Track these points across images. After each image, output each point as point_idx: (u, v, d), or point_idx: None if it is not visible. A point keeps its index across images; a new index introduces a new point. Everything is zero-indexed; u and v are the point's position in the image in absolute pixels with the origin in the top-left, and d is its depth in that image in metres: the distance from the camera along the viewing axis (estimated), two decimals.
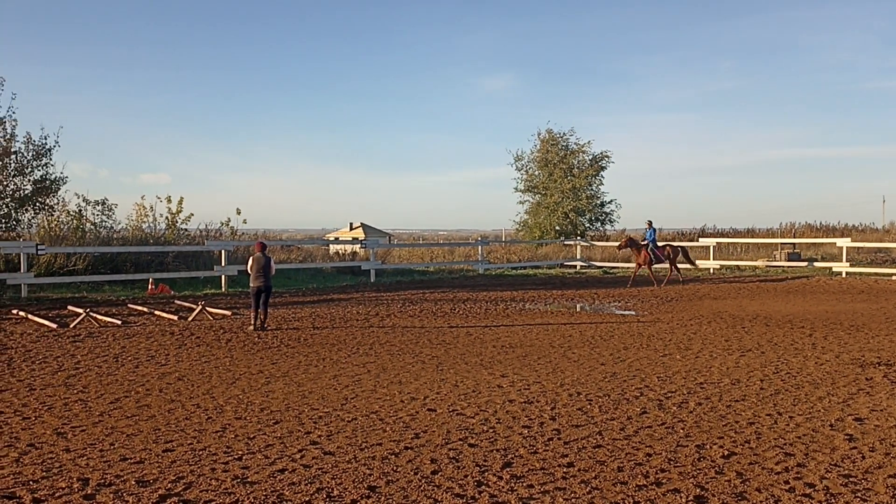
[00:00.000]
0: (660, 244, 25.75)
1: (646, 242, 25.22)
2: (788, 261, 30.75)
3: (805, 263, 29.85)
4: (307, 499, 5.40)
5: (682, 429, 7.35)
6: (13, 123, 22.03)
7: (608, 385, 9.43)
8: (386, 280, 25.92)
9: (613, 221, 39.76)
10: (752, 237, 37.02)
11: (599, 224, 39.42)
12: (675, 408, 8.23)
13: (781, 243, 33.01)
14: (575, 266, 32.14)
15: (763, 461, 6.33)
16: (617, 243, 34.47)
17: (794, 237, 36.53)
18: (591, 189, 38.51)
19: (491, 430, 7.28)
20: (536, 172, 39.18)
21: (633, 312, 17.46)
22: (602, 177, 38.87)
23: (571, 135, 38.80)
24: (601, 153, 38.75)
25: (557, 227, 37.94)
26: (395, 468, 6.10)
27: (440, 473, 5.98)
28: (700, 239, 33.37)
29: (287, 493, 5.50)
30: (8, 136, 21.87)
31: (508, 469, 6.10)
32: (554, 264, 32.37)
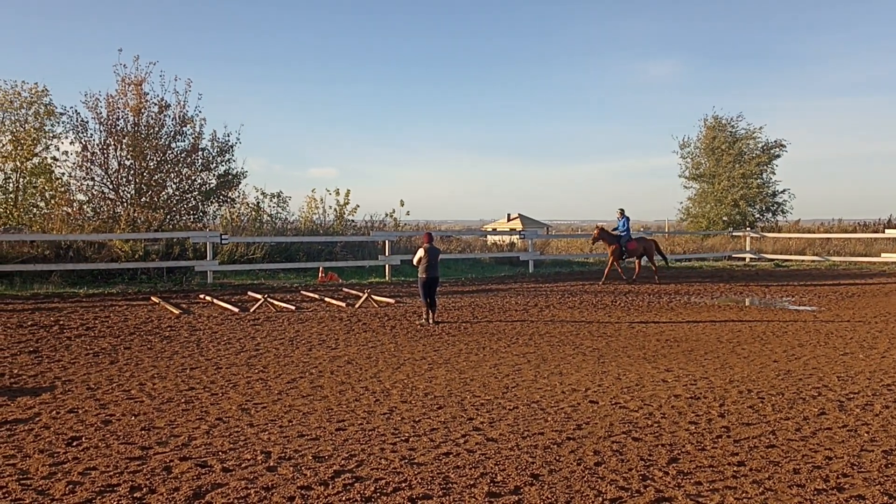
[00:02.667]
0: (633, 237, 22.93)
1: (618, 234, 22.26)
2: None
3: None
4: (471, 483, 5.52)
5: (867, 432, 6.85)
6: (200, 122, 23.90)
7: (782, 383, 8.94)
8: (544, 271, 25.84)
9: (786, 212, 37.43)
10: None
11: (770, 214, 37.25)
12: (857, 410, 7.68)
13: None
14: (744, 258, 30.57)
15: None
16: (790, 235, 32.50)
17: None
18: (762, 178, 36.45)
19: (655, 425, 7.12)
20: (702, 160, 37.59)
21: (812, 308, 16.40)
22: (775, 165, 36.71)
23: (740, 120, 36.92)
24: (774, 140, 36.60)
25: (725, 218, 36.22)
26: (557, 458, 6.11)
27: (603, 465, 5.92)
28: (887, 231, 30.73)
29: (452, 476, 5.65)
30: (196, 134, 23.74)
31: (675, 464, 5.95)
32: (721, 256, 30.96)
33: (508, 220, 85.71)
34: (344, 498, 5.20)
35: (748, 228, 33.11)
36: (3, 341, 11.63)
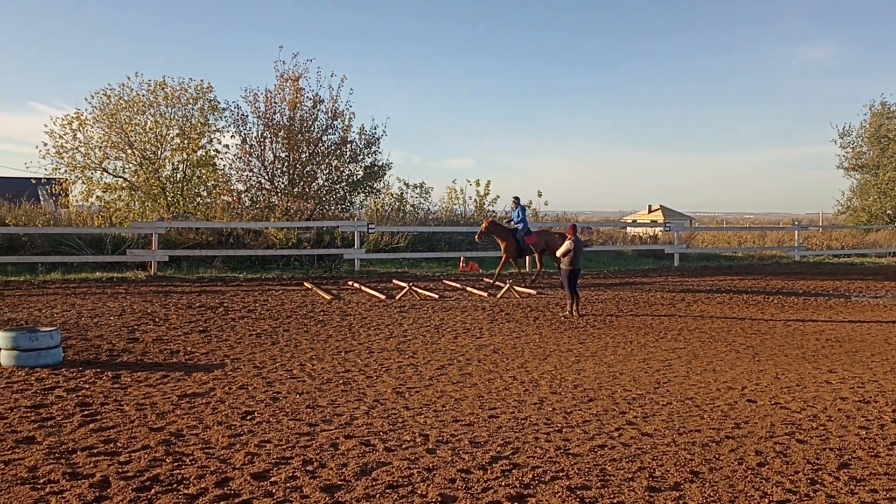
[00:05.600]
0: (533, 230, 19.09)
1: (513, 226, 18.67)
2: None
3: None
4: (629, 476, 5.49)
5: None
6: (350, 115, 24.80)
7: None
8: (690, 264, 25.03)
9: None
10: None
11: None
12: None
13: None
14: None
15: None
16: None
17: None
18: None
19: (821, 428, 6.79)
20: (865, 149, 35.11)
21: None
22: None
23: None
24: None
25: (890, 211, 33.70)
26: (717, 456, 5.96)
27: (767, 466, 5.73)
28: None
29: (609, 469, 5.64)
30: (345, 128, 24.66)
31: (846, 470, 5.66)
32: (885, 252, 28.87)
33: (649, 211, 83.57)
34: (503, 483, 5.31)
35: None
36: (175, 321, 12.59)
